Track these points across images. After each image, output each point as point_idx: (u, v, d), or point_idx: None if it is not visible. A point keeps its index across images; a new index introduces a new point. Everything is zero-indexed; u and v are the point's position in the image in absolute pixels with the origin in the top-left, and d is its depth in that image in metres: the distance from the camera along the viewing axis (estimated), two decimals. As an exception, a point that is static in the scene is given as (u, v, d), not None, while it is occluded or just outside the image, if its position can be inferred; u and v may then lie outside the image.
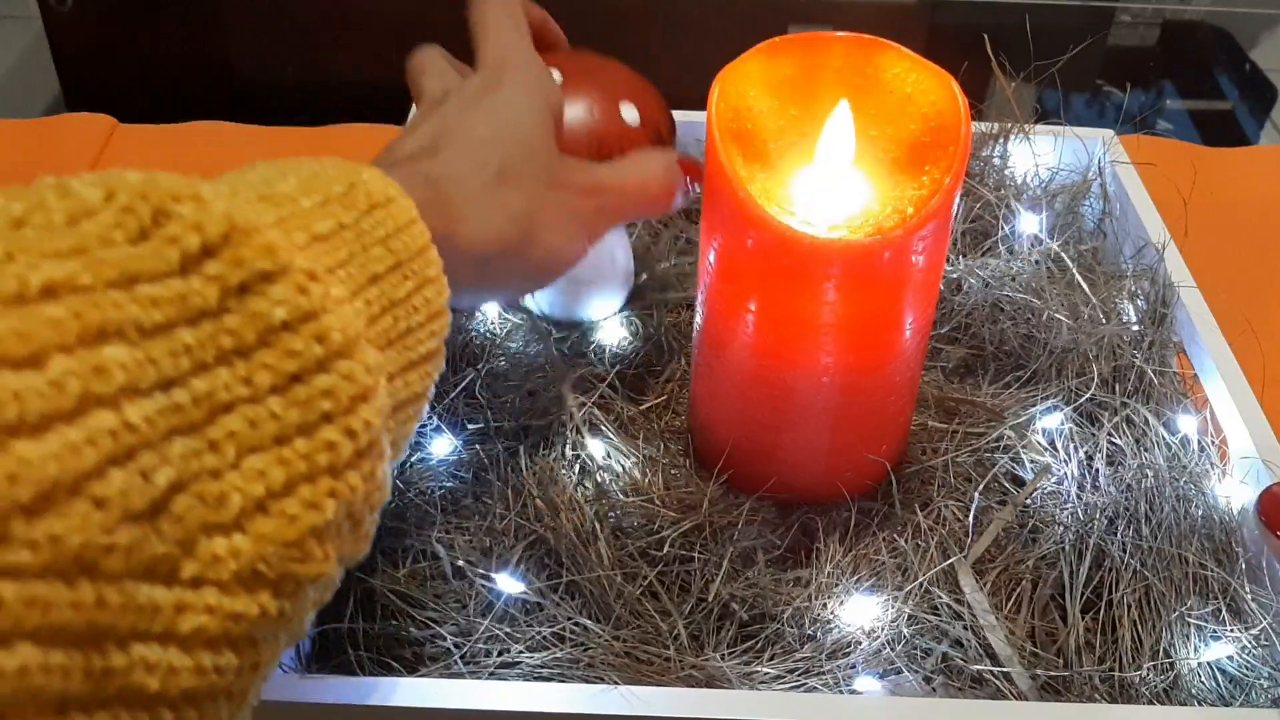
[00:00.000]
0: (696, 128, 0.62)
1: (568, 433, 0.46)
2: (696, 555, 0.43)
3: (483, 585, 0.42)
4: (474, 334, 0.52)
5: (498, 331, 0.52)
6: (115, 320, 0.22)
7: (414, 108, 0.45)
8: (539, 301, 0.52)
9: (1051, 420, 0.48)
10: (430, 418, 0.47)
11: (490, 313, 0.53)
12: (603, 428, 0.46)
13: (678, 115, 0.62)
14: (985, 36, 0.55)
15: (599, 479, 0.45)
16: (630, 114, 0.46)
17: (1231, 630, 0.42)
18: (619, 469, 0.45)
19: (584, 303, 0.52)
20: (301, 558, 0.25)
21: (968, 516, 0.45)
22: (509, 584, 0.42)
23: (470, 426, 0.47)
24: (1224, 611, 0.43)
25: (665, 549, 0.43)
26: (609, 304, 0.53)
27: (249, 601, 0.24)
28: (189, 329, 0.24)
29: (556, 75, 0.46)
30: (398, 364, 0.31)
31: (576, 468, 0.45)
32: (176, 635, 0.23)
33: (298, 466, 0.25)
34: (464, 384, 0.48)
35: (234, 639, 0.24)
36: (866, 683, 0.40)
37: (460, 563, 0.42)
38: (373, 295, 0.30)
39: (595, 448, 0.45)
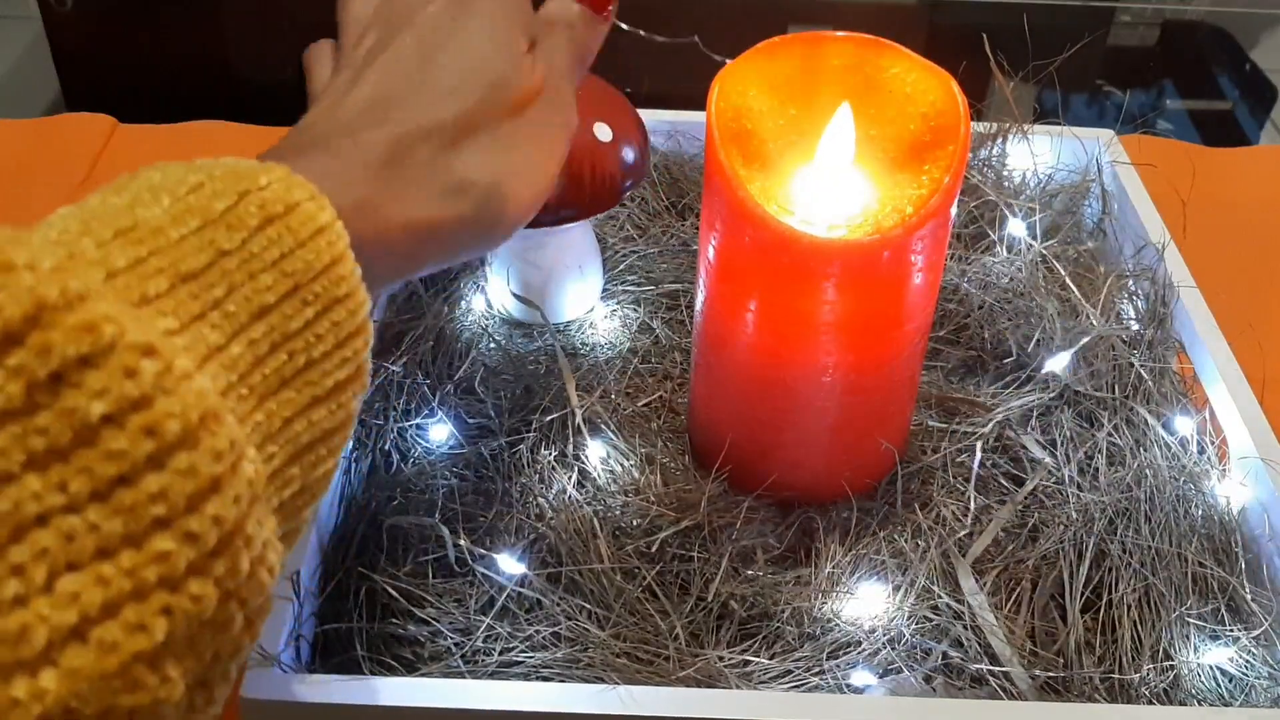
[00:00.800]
0: (696, 128, 0.62)
1: (569, 431, 0.46)
2: (696, 555, 0.43)
3: (483, 575, 0.42)
4: (467, 329, 0.52)
5: (490, 328, 0.52)
6: None
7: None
8: (508, 304, 0.52)
9: (1051, 420, 0.48)
10: (432, 412, 0.47)
11: (479, 308, 0.53)
12: (604, 426, 0.46)
13: (678, 115, 0.63)
14: (985, 36, 0.55)
15: (598, 478, 0.45)
16: (604, 133, 0.46)
17: (1231, 630, 0.42)
18: (619, 468, 0.45)
19: (554, 303, 0.52)
20: (127, 688, 0.22)
21: (967, 516, 0.45)
22: (511, 565, 0.42)
23: (470, 422, 0.47)
24: (1224, 611, 0.43)
25: (664, 548, 0.43)
26: (580, 304, 0.53)
27: None
28: None
29: None
30: (296, 405, 0.28)
31: (576, 466, 0.45)
32: None
33: (120, 585, 0.22)
34: (462, 381, 0.49)
35: None
36: (866, 679, 0.40)
37: (462, 542, 0.42)
38: (258, 333, 0.27)
39: (596, 446, 0.46)
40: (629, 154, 0.47)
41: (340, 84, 0.37)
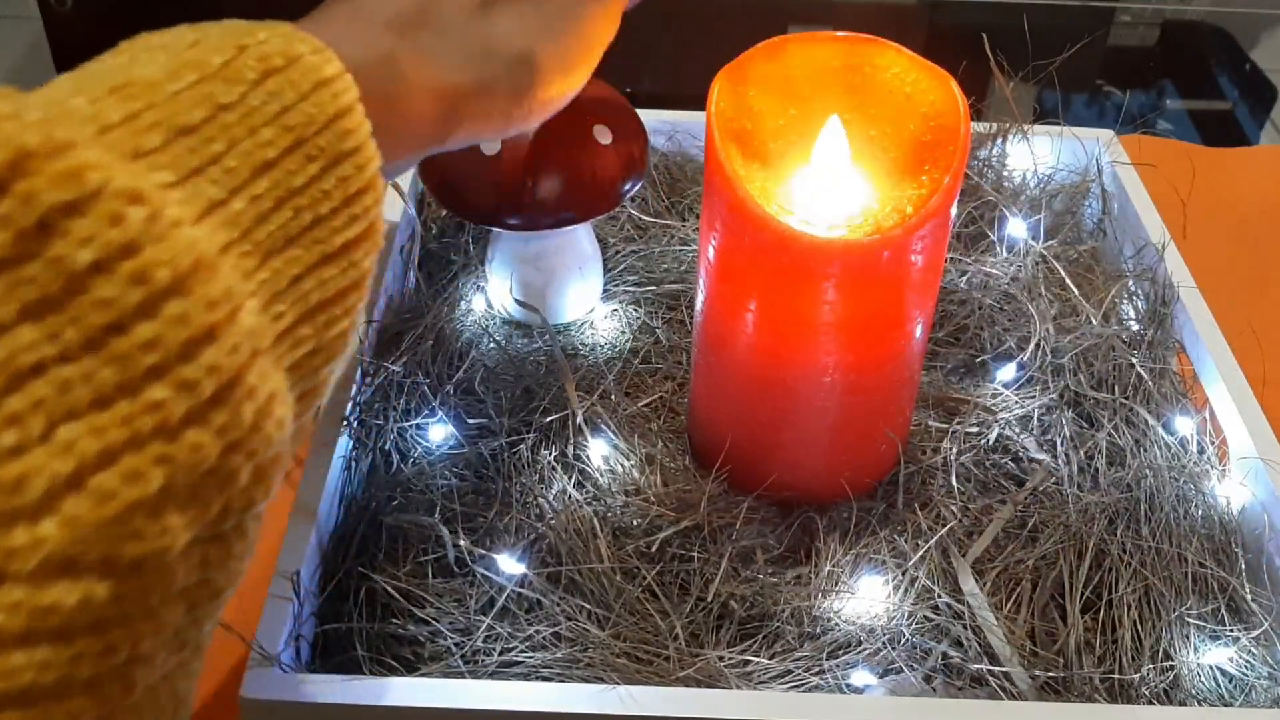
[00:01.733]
0: (696, 127, 0.62)
1: (569, 431, 0.46)
2: (696, 554, 0.43)
3: (483, 575, 0.42)
4: (467, 330, 0.52)
5: (490, 328, 0.52)
6: None
7: None
8: (508, 305, 0.52)
9: (1051, 420, 0.48)
10: (432, 412, 0.47)
11: (479, 308, 0.53)
12: (604, 426, 0.46)
13: (678, 115, 0.63)
14: (984, 36, 0.55)
15: (598, 478, 0.45)
16: (603, 135, 0.46)
17: (1231, 630, 0.42)
18: (619, 468, 0.45)
19: (554, 304, 0.52)
20: (127, 536, 0.22)
21: (968, 516, 0.45)
22: (511, 565, 0.42)
23: (470, 422, 0.47)
24: (1224, 611, 0.43)
25: (664, 548, 0.43)
26: (580, 305, 0.53)
27: (66, 590, 0.21)
28: None
29: None
30: (304, 263, 0.27)
31: (577, 467, 0.45)
32: None
33: (116, 434, 0.21)
34: (462, 381, 0.49)
35: (54, 631, 0.21)
36: (866, 679, 0.40)
37: (462, 542, 0.42)
38: (260, 189, 0.26)
39: (596, 446, 0.46)
40: (629, 156, 0.47)
41: None
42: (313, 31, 0.30)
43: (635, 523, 0.43)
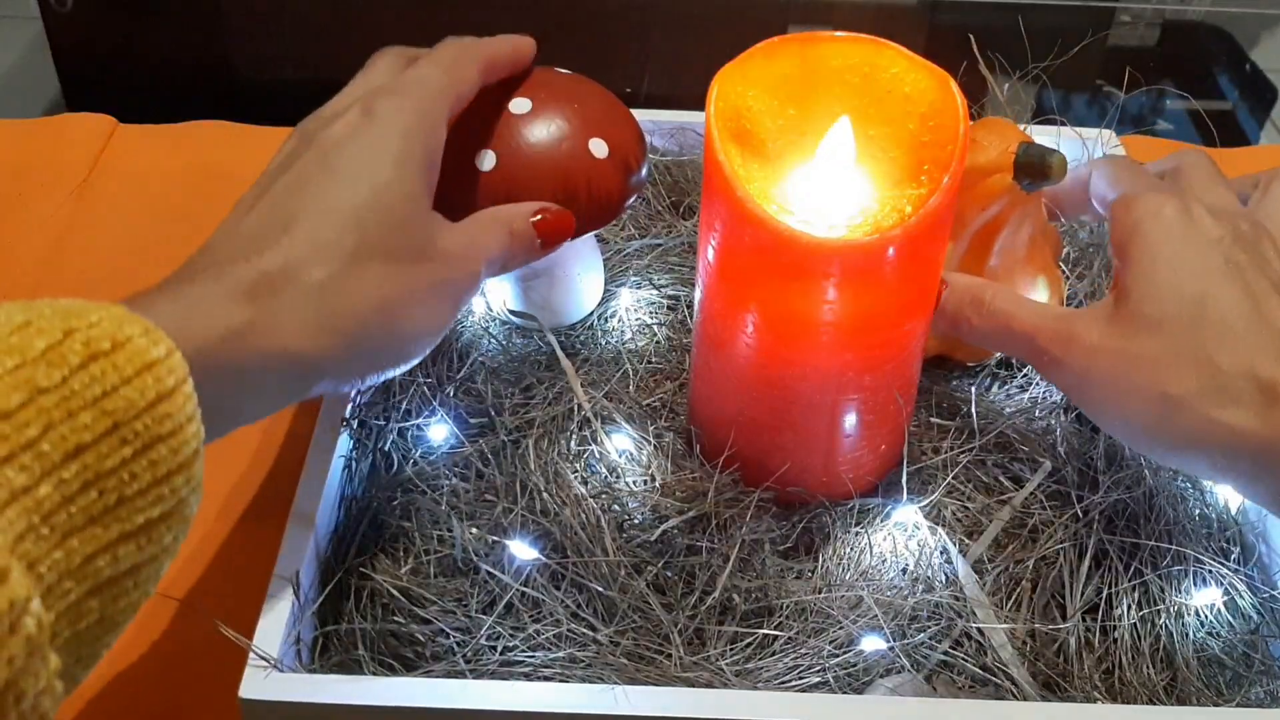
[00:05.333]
0: (696, 127, 0.62)
1: (574, 426, 0.46)
2: (704, 546, 0.43)
3: (486, 574, 0.42)
4: (467, 330, 0.52)
5: (490, 328, 0.52)
6: None
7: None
8: (508, 304, 0.52)
9: (1051, 420, 0.48)
10: (432, 412, 0.47)
11: (479, 309, 0.53)
12: (614, 419, 0.46)
13: (678, 115, 0.63)
14: (970, 37, 0.55)
15: (604, 473, 0.45)
16: (600, 149, 0.46)
17: (1231, 629, 0.42)
18: (624, 463, 0.45)
19: (555, 307, 0.52)
20: None
21: (968, 516, 0.45)
22: (523, 551, 0.42)
23: (472, 421, 0.47)
24: (1223, 610, 0.43)
25: (670, 541, 0.43)
26: (580, 307, 0.53)
27: None
28: None
29: (526, 103, 0.46)
30: (100, 542, 0.28)
31: (581, 462, 0.45)
32: None
33: None
34: (462, 381, 0.49)
35: None
36: (866, 679, 0.40)
37: (472, 532, 0.42)
38: (70, 473, 0.26)
39: (597, 445, 0.46)
40: (627, 169, 0.47)
41: (244, 201, 0.37)
42: (171, 298, 0.32)
43: (640, 518, 0.43)
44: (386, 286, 0.36)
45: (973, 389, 0.50)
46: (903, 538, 0.44)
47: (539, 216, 0.43)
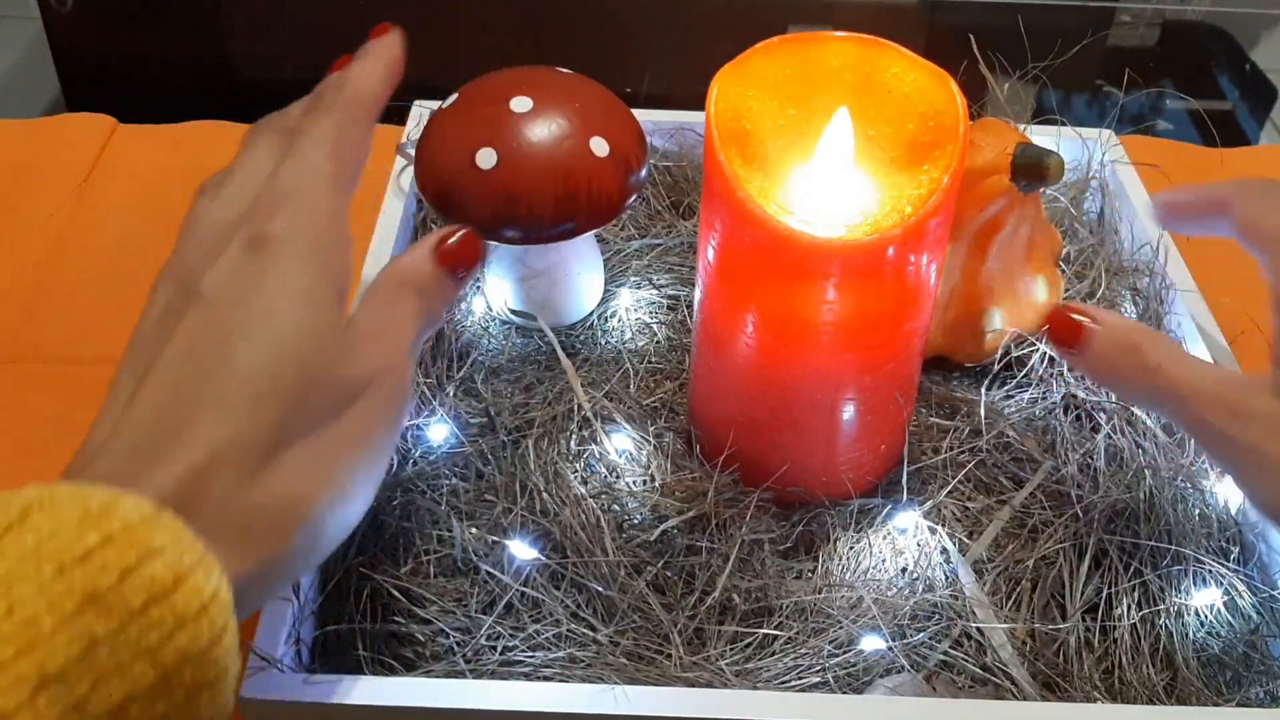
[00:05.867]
0: (696, 127, 0.62)
1: (574, 426, 0.46)
2: (704, 546, 0.43)
3: (487, 574, 0.42)
4: (467, 330, 0.52)
5: (490, 328, 0.52)
6: None
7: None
8: (507, 308, 0.52)
9: (1051, 420, 0.48)
10: (432, 412, 0.47)
11: (479, 309, 0.53)
12: (614, 419, 0.46)
13: (678, 115, 0.63)
14: (970, 36, 0.55)
15: (604, 473, 0.45)
16: (600, 148, 0.46)
17: (1230, 629, 0.42)
18: (624, 463, 0.45)
19: (555, 307, 0.52)
20: None
21: (968, 516, 0.45)
22: (523, 551, 0.42)
23: (472, 421, 0.47)
24: (1222, 610, 0.43)
25: (670, 541, 0.43)
26: (580, 307, 0.53)
27: None
28: None
29: (528, 102, 0.46)
30: None
31: (581, 462, 0.45)
32: None
33: None
34: (462, 382, 0.49)
35: None
36: (866, 679, 0.40)
37: (472, 532, 0.42)
38: None
39: (598, 444, 0.46)
40: (627, 168, 0.47)
41: (121, 392, 0.31)
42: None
43: (639, 518, 0.43)
44: (306, 468, 0.30)
45: (973, 389, 0.50)
46: (903, 538, 0.44)
47: (438, 250, 0.36)
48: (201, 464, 0.28)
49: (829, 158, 0.40)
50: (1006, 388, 0.50)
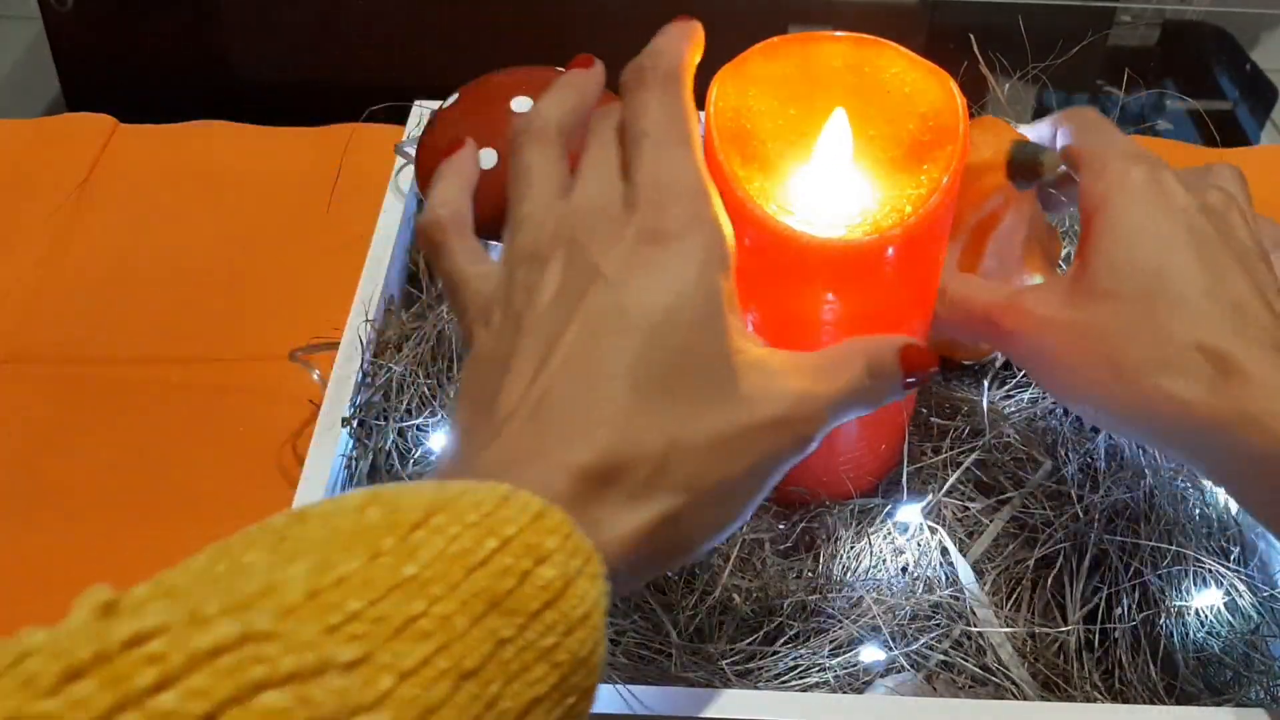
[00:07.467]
0: (696, 128, 0.62)
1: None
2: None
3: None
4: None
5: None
6: None
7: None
8: None
9: (1051, 420, 0.48)
10: (433, 412, 0.47)
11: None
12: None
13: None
14: (970, 36, 0.55)
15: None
16: None
17: (1230, 628, 0.42)
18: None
19: None
20: None
21: (968, 516, 0.45)
22: None
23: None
24: (1222, 610, 0.43)
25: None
26: None
27: None
28: None
29: (528, 102, 0.46)
30: None
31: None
32: None
33: None
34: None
35: None
36: (866, 678, 0.40)
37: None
38: None
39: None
40: None
41: (525, 364, 0.31)
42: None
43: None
44: (707, 476, 0.30)
45: (973, 389, 0.50)
46: (903, 538, 0.44)
47: (907, 350, 0.35)
48: (609, 461, 0.29)
49: (829, 158, 0.40)
50: (1006, 387, 0.50)
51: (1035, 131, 0.44)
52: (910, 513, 0.45)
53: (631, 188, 0.33)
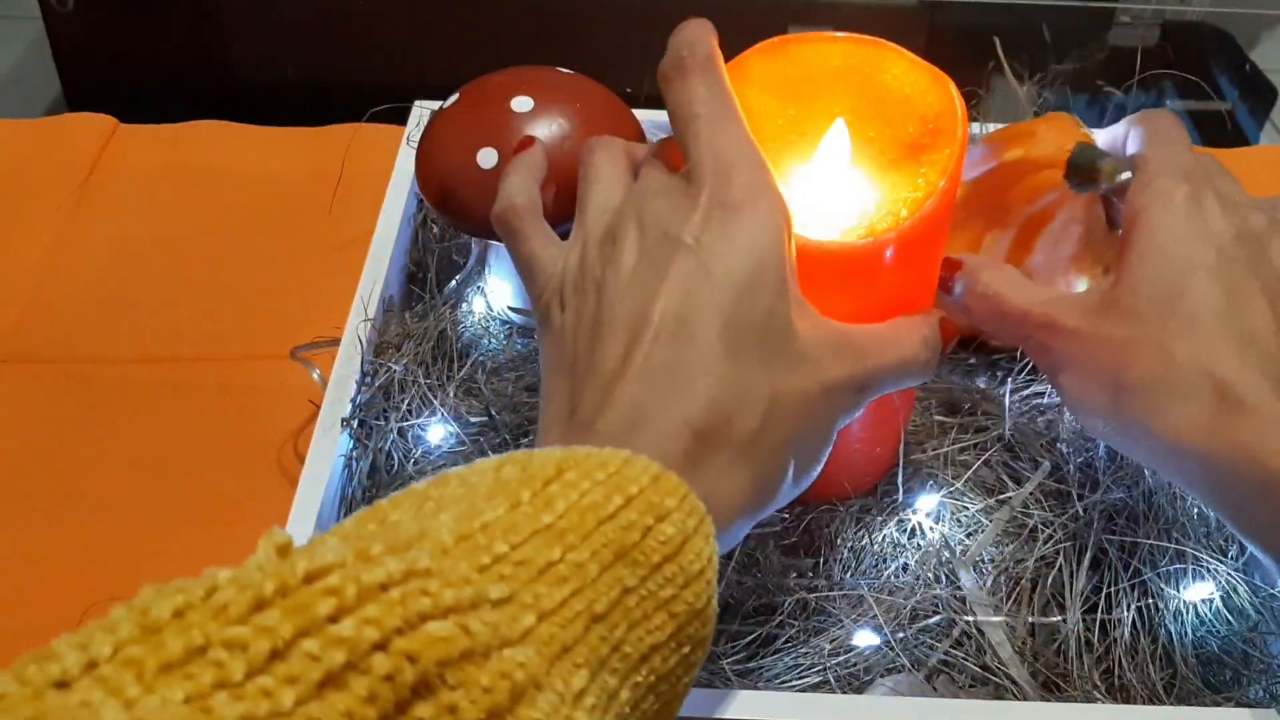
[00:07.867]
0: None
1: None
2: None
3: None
4: (468, 330, 0.52)
5: (491, 329, 0.52)
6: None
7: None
8: (508, 309, 0.52)
9: (1052, 420, 0.48)
10: (433, 412, 0.47)
11: (479, 309, 0.53)
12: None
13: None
14: (996, 40, 0.55)
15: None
16: None
17: (1229, 627, 0.42)
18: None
19: None
20: None
21: (968, 516, 0.45)
22: None
23: (473, 420, 0.47)
24: (1222, 608, 0.43)
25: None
26: None
27: None
28: None
29: (528, 102, 0.46)
30: None
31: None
32: None
33: None
34: (463, 382, 0.49)
35: None
36: (866, 679, 0.40)
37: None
38: (641, 676, 0.27)
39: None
40: None
41: (617, 332, 0.33)
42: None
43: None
44: (801, 430, 0.34)
45: (974, 388, 0.50)
46: (902, 537, 0.44)
47: (941, 320, 0.39)
48: (714, 420, 0.31)
49: (827, 162, 0.40)
50: (1007, 387, 0.50)
51: (1108, 134, 0.43)
52: (910, 512, 0.45)
53: (693, 165, 0.35)
